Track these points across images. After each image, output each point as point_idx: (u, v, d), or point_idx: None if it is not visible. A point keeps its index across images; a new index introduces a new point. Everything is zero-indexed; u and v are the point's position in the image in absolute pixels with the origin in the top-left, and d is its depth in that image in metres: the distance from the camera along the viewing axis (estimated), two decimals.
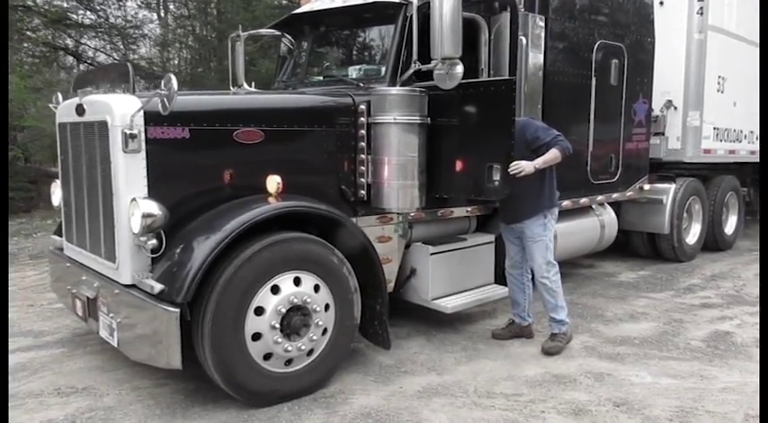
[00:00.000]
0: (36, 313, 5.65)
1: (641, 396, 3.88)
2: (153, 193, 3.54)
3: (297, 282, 3.69)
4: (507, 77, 4.72)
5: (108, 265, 3.74)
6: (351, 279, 3.94)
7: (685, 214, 7.76)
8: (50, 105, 4.81)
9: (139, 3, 18.07)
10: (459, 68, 4.18)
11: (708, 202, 8.24)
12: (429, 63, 4.20)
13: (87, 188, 3.95)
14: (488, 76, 4.99)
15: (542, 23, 5.08)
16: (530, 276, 4.82)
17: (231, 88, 6.02)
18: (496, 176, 4.15)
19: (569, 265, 6.98)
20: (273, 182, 3.74)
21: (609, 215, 6.65)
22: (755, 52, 8.37)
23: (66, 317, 5.49)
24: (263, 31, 5.87)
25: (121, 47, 17.59)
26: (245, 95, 4.85)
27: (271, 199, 3.75)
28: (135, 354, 3.61)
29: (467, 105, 4.28)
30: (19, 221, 10.95)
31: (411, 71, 4.34)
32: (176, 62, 20.60)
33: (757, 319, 5.43)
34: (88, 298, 3.99)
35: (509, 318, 4.99)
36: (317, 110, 4.36)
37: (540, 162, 4.28)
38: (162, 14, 19.86)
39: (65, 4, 15.28)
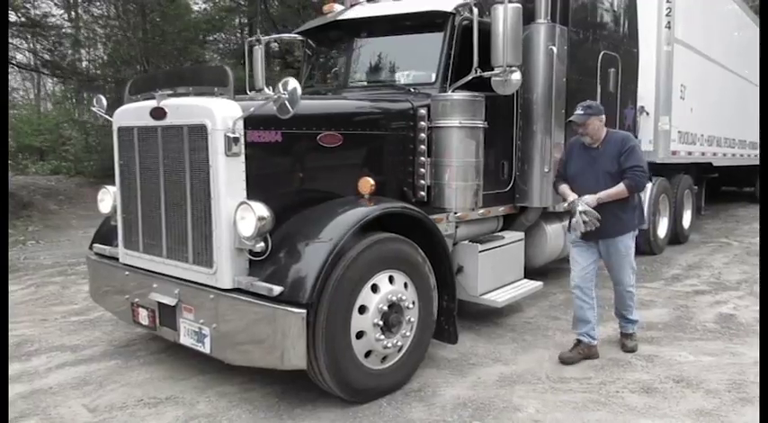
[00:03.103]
0: (56, 327, 5.36)
1: (693, 373, 4.28)
2: (250, 196, 3.56)
3: (391, 280, 3.81)
4: None
5: (201, 270, 3.68)
6: (431, 276, 4.10)
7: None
8: (93, 108, 4.65)
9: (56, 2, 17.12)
10: (517, 76, 4.48)
11: (671, 199, 8.99)
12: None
13: (166, 193, 3.87)
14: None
15: (566, 34, 5.45)
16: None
17: (248, 93, 5.99)
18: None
19: (561, 261, 7.40)
20: (367, 183, 3.84)
21: None
22: (703, 62, 9.31)
23: (91, 329, 5.29)
24: (287, 35, 5.90)
25: (53, 48, 16.58)
26: (327, 100, 4.88)
27: (363, 200, 3.85)
28: (239, 358, 3.59)
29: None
30: None
31: (470, 77, 4.56)
32: (85, 64, 19.56)
33: (748, 302, 6.06)
34: (162, 305, 3.93)
35: (574, 339, 4.60)
36: (382, 114, 4.51)
37: (603, 195, 4.27)
38: (73, 13, 18.76)
39: None
